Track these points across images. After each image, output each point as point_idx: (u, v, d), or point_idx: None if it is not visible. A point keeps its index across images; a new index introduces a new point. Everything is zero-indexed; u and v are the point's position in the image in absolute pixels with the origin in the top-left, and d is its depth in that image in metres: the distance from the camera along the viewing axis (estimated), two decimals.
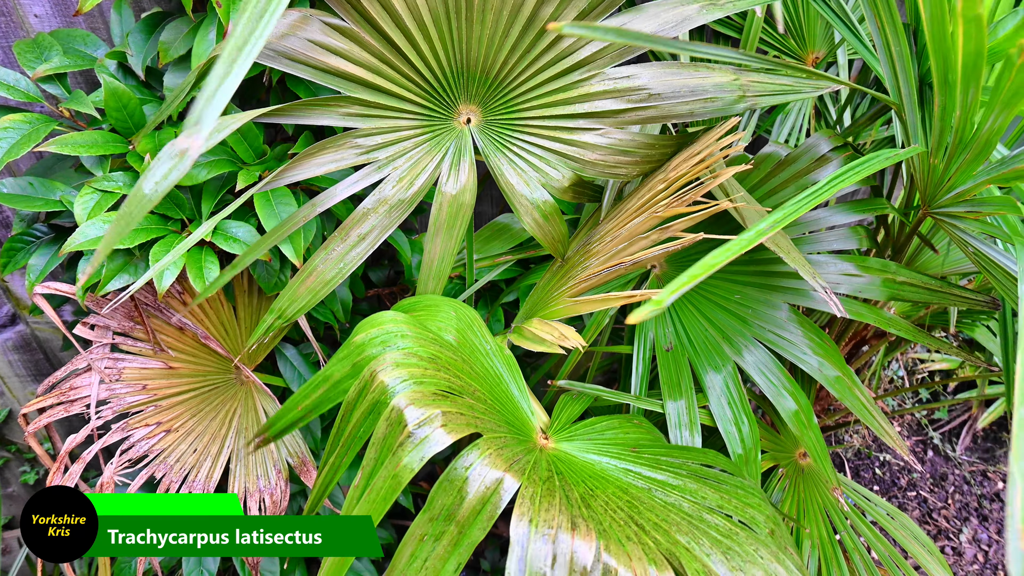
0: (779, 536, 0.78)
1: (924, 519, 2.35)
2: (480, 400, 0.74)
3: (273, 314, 0.91)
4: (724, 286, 1.21)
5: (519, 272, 1.35)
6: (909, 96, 0.94)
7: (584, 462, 0.82)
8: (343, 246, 0.91)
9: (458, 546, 0.62)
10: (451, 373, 0.73)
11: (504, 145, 0.98)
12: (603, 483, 0.77)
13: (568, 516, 0.66)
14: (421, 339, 0.75)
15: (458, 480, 0.64)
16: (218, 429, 1.07)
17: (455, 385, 0.72)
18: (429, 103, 0.95)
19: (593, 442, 0.88)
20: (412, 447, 0.63)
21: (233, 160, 0.96)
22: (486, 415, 0.73)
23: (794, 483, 1.26)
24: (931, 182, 0.96)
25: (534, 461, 0.73)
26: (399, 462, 0.63)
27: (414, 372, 0.69)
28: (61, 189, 0.98)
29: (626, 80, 0.92)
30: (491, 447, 0.68)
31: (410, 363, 0.70)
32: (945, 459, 2.52)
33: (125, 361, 1.03)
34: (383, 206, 0.92)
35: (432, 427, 0.64)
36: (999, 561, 2.22)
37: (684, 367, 1.16)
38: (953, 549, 2.24)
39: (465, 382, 0.74)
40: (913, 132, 0.94)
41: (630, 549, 0.65)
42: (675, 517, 0.73)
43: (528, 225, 0.99)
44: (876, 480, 2.47)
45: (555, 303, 1.01)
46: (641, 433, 0.93)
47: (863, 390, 1.11)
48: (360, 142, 0.91)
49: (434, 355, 0.74)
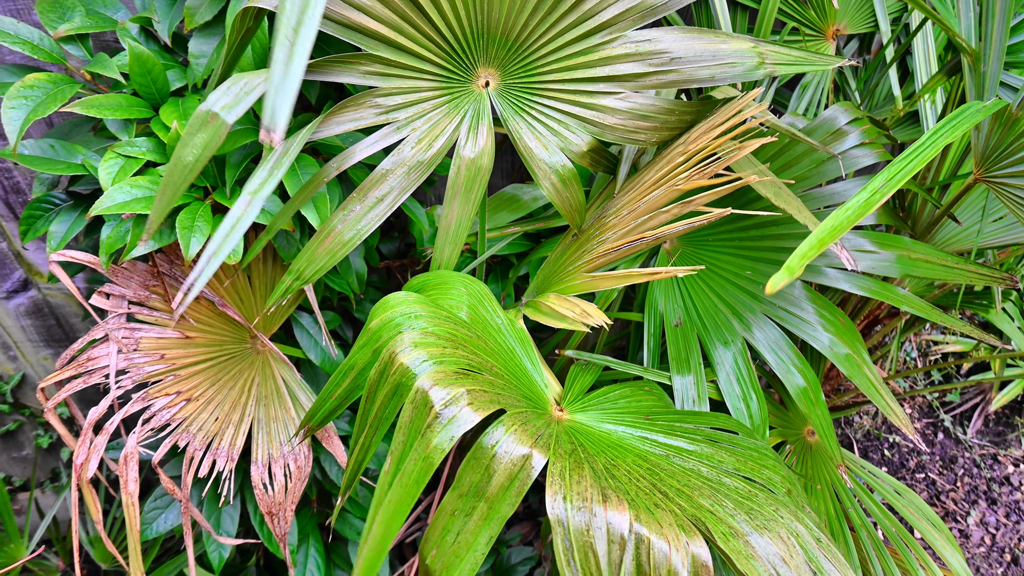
0: (796, 496, 0.79)
1: (932, 501, 2.35)
2: (498, 376, 0.75)
3: (291, 275, 0.92)
4: (735, 261, 1.21)
5: (529, 246, 1.35)
6: (1000, 44, 0.92)
7: (601, 432, 0.83)
8: (361, 207, 0.91)
9: (489, 520, 0.64)
10: (468, 350, 0.74)
11: (523, 109, 0.97)
12: (622, 452, 0.78)
13: (599, 488, 0.66)
14: (436, 318, 0.75)
15: (485, 457, 0.65)
16: (238, 397, 1.08)
17: (474, 362, 0.72)
18: (449, 64, 0.94)
19: (607, 412, 0.89)
20: (441, 427, 0.64)
21: (256, 128, 0.96)
22: (506, 391, 0.73)
23: (801, 459, 1.26)
24: (1001, 140, 0.95)
25: (556, 434, 0.74)
26: (429, 443, 0.64)
27: (433, 352, 0.70)
28: (83, 153, 0.98)
29: (648, 43, 0.92)
30: (515, 423, 0.69)
31: (428, 342, 0.71)
32: (955, 442, 2.52)
33: (142, 331, 1.04)
34: (402, 167, 0.92)
35: (459, 406, 0.65)
36: (1006, 544, 2.22)
37: (693, 342, 1.16)
38: (960, 531, 2.25)
39: (482, 359, 0.75)
40: (992, 86, 0.93)
41: (660, 517, 0.66)
42: (696, 482, 0.74)
43: (547, 190, 0.99)
44: (885, 461, 2.48)
45: (571, 278, 1.01)
46: (653, 400, 0.94)
47: (872, 368, 1.11)
48: (380, 101, 0.91)
49: (451, 333, 0.74)
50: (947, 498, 2.37)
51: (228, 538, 1.10)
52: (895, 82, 1.44)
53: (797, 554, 0.66)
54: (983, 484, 2.42)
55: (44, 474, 1.73)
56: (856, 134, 1.12)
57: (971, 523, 2.29)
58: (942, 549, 1.24)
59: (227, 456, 1.03)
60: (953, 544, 1.23)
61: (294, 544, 1.18)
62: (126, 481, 0.96)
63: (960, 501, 2.36)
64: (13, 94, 0.88)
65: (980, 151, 1.03)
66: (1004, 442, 2.53)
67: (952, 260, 1.09)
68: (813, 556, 0.68)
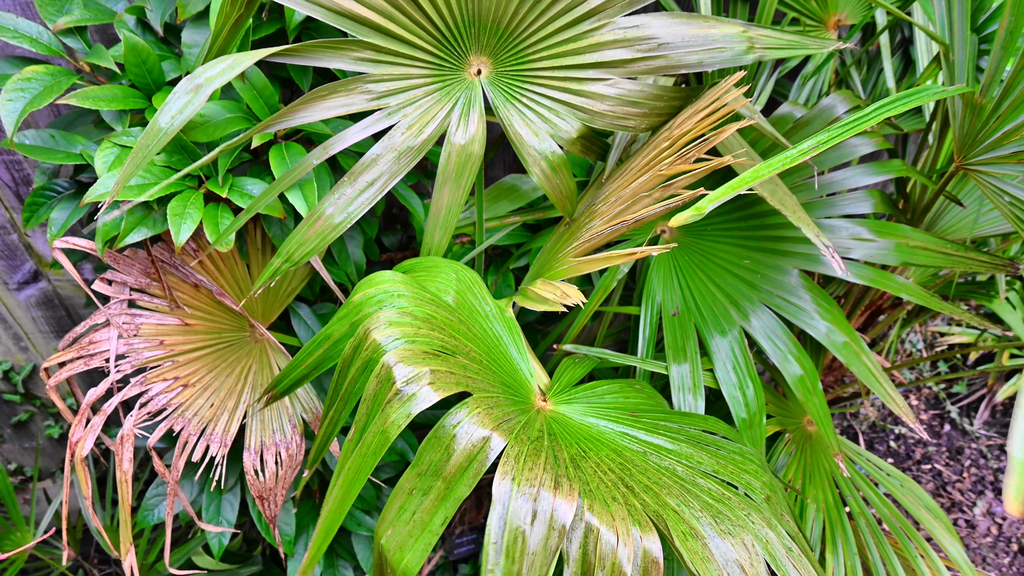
0: (775, 503, 0.79)
1: (938, 492, 2.34)
2: (475, 360, 0.76)
3: (281, 257, 0.93)
4: (733, 251, 1.21)
5: (529, 237, 1.36)
6: (963, 34, 0.93)
7: (581, 424, 0.83)
8: (352, 190, 0.92)
9: (445, 501, 0.64)
10: (446, 333, 0.74)
11: (514, 97, 0.98)
12: (597, 445, 0.79)
13: (552, 475, 0.67)
14: (418, 299, 0.76)
15: (446, 437, 0.66)
16: (234, 385, 1.09)
17: (449, 345, 0.73)
18: (441, 52, 0.95)
19: (592, 405, 0.89)
20: (400, 404, 0.65)
21: (248, 117, 0.97)
22: (479, 375, 0.74)
23: (800, 448, 1.26)
24: (972, 128, 0.95)
25: (526, 422, 0.74)
26: (387, 418, 0.64)
27: (407, 331, 0.70)
28: (82, 143, 1.00)
29: (636, 29, 0.92)
30: (480, 406, 0.69)
31: (403, 322, 0.71)
32: (962, 433, 2.51)
33: (142, 317, 1.06)
34: (391, 152, 0.93)
35: (419, 385, 0.66)
36: (1013, 534, 2.21)
37: (690, 331, 1.16)
38: (967, 522, 2.24)
39: (460, 342, 0.76)
40: (960, 74, 0.93)
41: (615, 510, 0.66)
42: (667, 480, 0.74)
43: (536, 177, 0.99)
44: (890, 453, 2.47)
45: (559, 264, 1.02)
46: (642, 398, 0.94)
47: (871, 356, 1.11)
48: (371, 87, 0.92)
49: (430, 315, 0.75)
50: (953, 489, 2.36)
51: (214, 526, 1.12)
52: (889, 73, 1.43)
53: (759, 563, 0.66)
54: (990, 475, 2.40)
55: (55, 464, 1.76)
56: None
57: (977, 513, 2.27)
58: (941, 538, 1.23)
59: (220, 442, 1.05)
60: (952, 533, 1.23)
61: (291, 535, 1.20)
62: (121, 460, 0.98)
63: (967, 492, 2.35)
64: (11, 87, 0.89)
65: (958, 140, 1.03)
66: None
67: (951, 247, 1.08)
68: (781, 564, 0.68)
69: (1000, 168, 0.93)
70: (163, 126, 0.76)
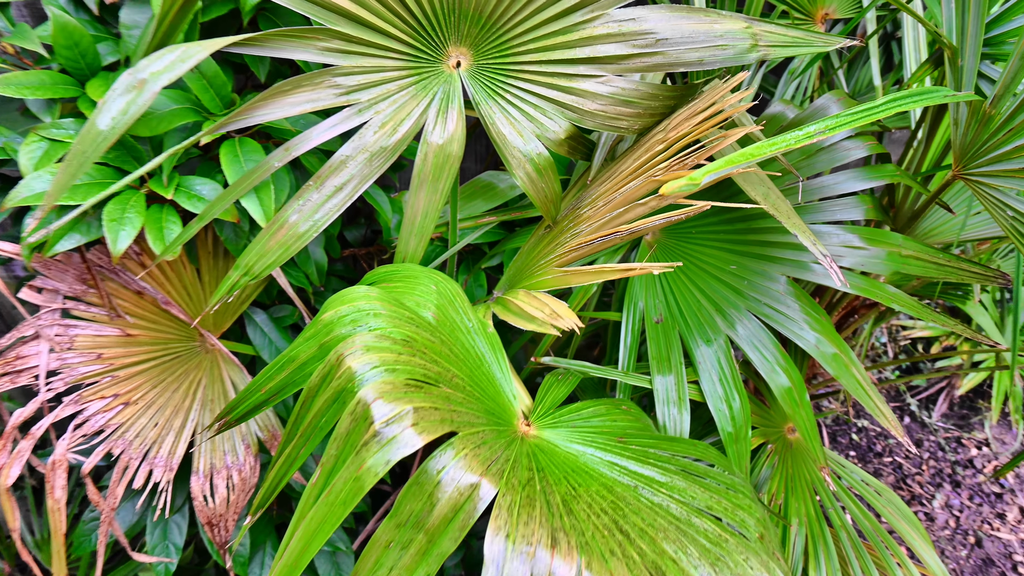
0: (768, 540, 0.75)
1: (898, 484, 2.37)
2: (458, 388, 0.68)
3: (239, 270, 0.83)
4: (719, 255, 1.16)
5: (503, 235, 1.28)
6: (976, 40, 0.88)
7: (567, 453, 0.77)
8: (318, 196, 0.83)
9: (427, 556, 0.57)
10: (427, 358, 0.67)
11: (496, 92, 0.89)
12: (587, 479, 0.72)
13: (548, 530, 0.60)
14: (396, 318, 0.68)
15: (429, 484, 0.58)
16: (181, 401, 1.00)
17: (431, 372, 0.65)
18: (416, 42, 0.86)
19: (578, 430, 0.82)
20: (378, 448, 0.56)
21: (198, 110, 0.86)
22: (464, 405, 0.66)
23: (783, 459, 1.23)
24: (977, 138, 0.90)
25: (514, 459, 0.67)
26: (363, 463, 0.56)
27: (386, 357, 0.62)
28: (5, 135, 0.88)
29: (632, 23, 0.84)
30: (467, 446, 0.62)
31: (382, 347, 0.63)
32: (921, 425, 2.54)
33: (78, 328, 0.95)
34: (363, 154, 0.84)
35: (401, 426, 0.57)
36: (970, 526, 2.25)
37: (674, 340, 1.11)
38: (926, 515, 2.27)
39: (443, 367, 0.68)
40: (968, 80, 0.88)
41: (614, 566, 0.60)
42: (662, 522, 0.69)
43: (520, 180, 0.91)
44: (852, 445, 2.49)
45: (542, 272, 0.95)
46: (629, 421, 0.88)
47: (860, 368, 1.07)
48: (339, 81, 0.82)
49: (409, 337, 0.67)
50: (913, 481, 2.39)
51: (154, 557, 1.02)
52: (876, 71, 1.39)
53: None
54: (947, 467, 2.44)
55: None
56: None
57: (936, 506, 2.31)
58: (920, 550, 1.21)
59: (165, 465, 0.95)
60: (929, 544, 1.21)
61: (245, 555, 1.11)
62: (52, 488, 0.88)
63: (926, 484, 2.38)
64: None
65: (958, 147, 0.99)
66: (967, 425, 2.56)
67: (944, 257, 1.04)
68: None
69: (1005, 181, 0.89)
70: (102, 129, 0.65)
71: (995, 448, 2.47)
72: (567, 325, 0.75)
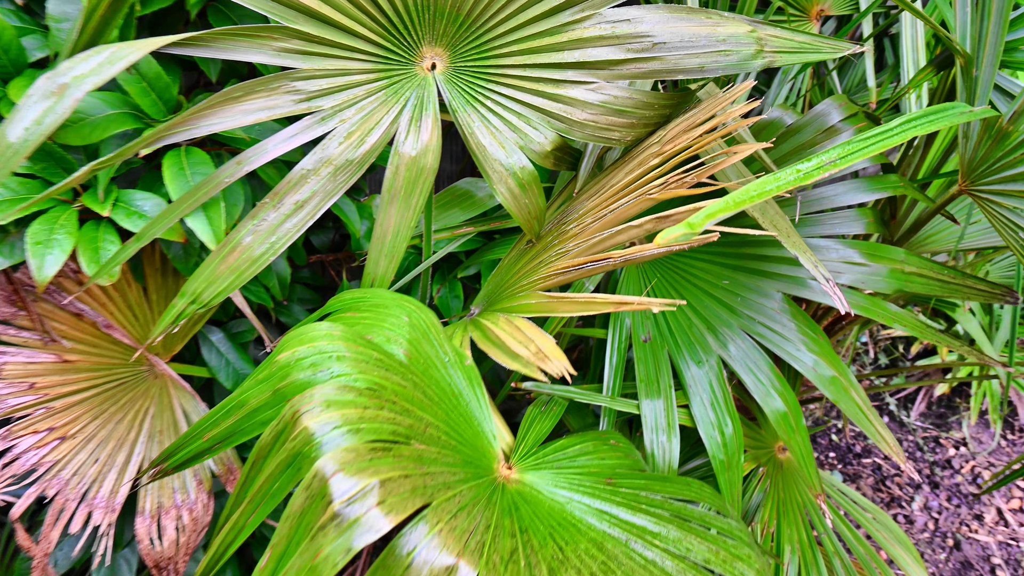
0: None
1: (878, 486, 2.35)
2: (432, 440, 0.60)
3: (185, 298, 0.74)
4: (712, 269, 1.09)
5: (482, 242, 1.20)
6: (995, 49, 0.81)
7: (552, 503, 0.69)
8: (276, 215, 0.74)
9: None
10: (397, 408, 0.58)
11: (476, 98, 0.81)
12: (575, 535, 0.65)
13: None
14: (362, 361, 0.60)
15: (398, 567, 0.50)
16: (125, 433, 0.90)
17: (402, 427, 0.57)
18: (387, 42, 0.77)
19: (563, 472, 0.75)
20: (337, 533, 0.48)
21: (138, 115, 0.77)
22: (438, 463, 0.58)
23: (774, 482, 1.17)
24: (989, 153, 0.84)
25: (495, 524, 0.60)
26: (319, 551, 0.47)
27: (349, 415, 0.54)
28: None
29: (626, 24, 0.76)
30: (442, 519, 0.54)
31: (345, 400, 0.55)
32: (900, 425, 2.53)
33: (7, 355, 0.85)
34: (326, 167, 0.75)
35: (366, 505, 0.49)
36: (948, 529, 2.23)
37: (663, 361, 1.04)
38: (905, 517, 2.25)
39: (415, 417, 0.60)
40: (983, 93, 0.81)
41: None
42: None
43: (502, 195, 0.83)
44: (832, 447, 2.47)
45: (524, 295, 0.87)
46: (617, 458, 0.81)
47: (860, 392, 1.01)
48: (299, 86, 0.73)
49: (377, 384, 0.59)
50: (892, 483, 2.37)
51: None
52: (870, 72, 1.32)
53: None
54: (926, 468, 2.43)
55: None
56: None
57: (915, 508, 2.29)
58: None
59: (106, 507, 0.86)
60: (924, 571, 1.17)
61: None
62: None
63: (905, 486, 2.36)
64: None
65: (967, 161, 0.93)
66: (946, 424, 2.55)
67: (948, 274, 0.99)
68: None
69: (1019, 202, 0.83)
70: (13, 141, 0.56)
71: (972, 448, 2.46)
72: (555, 370, 0.67)
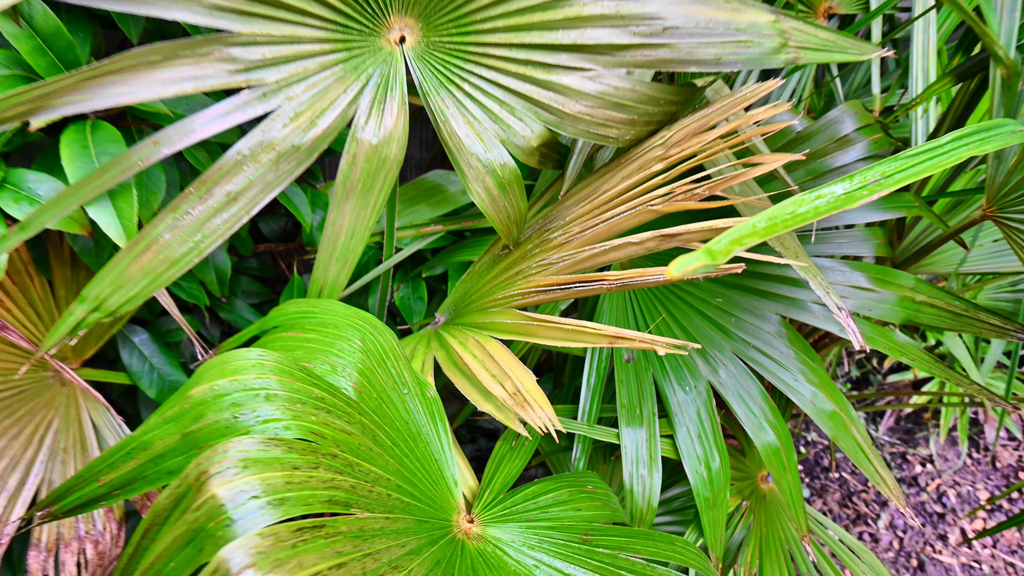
0: None
1: (844, 502, 2.30)
2: (379, 503, 0.49)
3: (86, 304, 0.61)
4: (704, 285, 0.99)
5: (451, 239, 1.08)
6: None
7: (518, 569, 0.59)
8: (203, 208, 0.61)
9: None
10: (338, 464, 0.47)
11: (452, 81, 0.69)
12: None
13: None
14: (297, 401, 0.48)
15: None
16: (21, 451, 0.77)
17: (341, 490, 0.45)
18: (346, 7, 0.64)
19: (533, 527, 0.64)
20: None
21: (30, 78, 0.63)
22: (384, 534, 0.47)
23: (757, 517, 1.08)
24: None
25: None
26: None
27: (273, 480, 0.42)
28: None
29: (633, 4, 0.64)
30: None
31: (269, 459, 0.43)
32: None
33: None
34: (267, 153, 0.62)
35: None
36: (913, 549, 2.20)
37: (648, 385, 0.94)
38: (871, 535, 2.21)
39: (359, 474, 0.48)
40: None
41: None
42: None
43: (477, 195, 0.71)
44: (800, 460, 2.41)
45: (498, 311, 0.75)
46: (594, 509, 0.71)
47: (860, 428, 0.92)
48: (235, 53, 0.60)
49: (314, 433, 0.47)
50: (859, 499, 2.33)
51: None
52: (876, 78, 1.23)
53: None
54: None
55: None
56: (863, 145, 0.90)
57: (881, 526, 2.25)
58: None
59: None
60: None
61: None
62: None
63: (871, 503, 2.32)
64: None
65: (996, 184, 0.84)
66: (913, 440, 2.52)
67: (961, 305, 0.90)
68: None
69: None
70: None
71: (939, 466, 2.43)
72: (537, 421, 0.56)
